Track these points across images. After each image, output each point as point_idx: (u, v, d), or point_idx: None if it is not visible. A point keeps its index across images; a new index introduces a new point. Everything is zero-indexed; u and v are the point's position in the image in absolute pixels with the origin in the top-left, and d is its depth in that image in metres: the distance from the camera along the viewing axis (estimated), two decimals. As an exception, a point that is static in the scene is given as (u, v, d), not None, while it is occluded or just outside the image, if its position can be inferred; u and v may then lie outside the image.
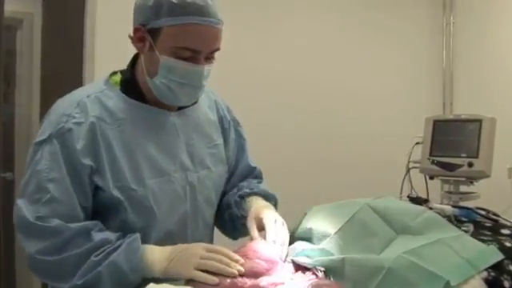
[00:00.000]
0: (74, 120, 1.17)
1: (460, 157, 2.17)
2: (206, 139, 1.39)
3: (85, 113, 1.18)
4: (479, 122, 2.17)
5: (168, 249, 1.14)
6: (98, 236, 1.13)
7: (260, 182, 1.54)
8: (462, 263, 1.14)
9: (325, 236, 1.26)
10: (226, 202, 1.46)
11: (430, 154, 2.26)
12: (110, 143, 1.19)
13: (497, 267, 1.17)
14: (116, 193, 1.18)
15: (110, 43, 2.23)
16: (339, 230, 1.26)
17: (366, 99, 3.14)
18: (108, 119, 1.20)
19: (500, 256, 1.19)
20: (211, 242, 1.43)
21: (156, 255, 1.13)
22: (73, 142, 1.15)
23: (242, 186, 1.47)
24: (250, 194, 1.42)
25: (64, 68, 2.63)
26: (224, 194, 1.49)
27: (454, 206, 1.55)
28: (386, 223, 1.30)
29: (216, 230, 1.49)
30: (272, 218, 1.28)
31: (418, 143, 2.37)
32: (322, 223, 1.31)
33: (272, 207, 1.37)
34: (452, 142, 2.23)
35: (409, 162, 2.41)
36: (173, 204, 1.28)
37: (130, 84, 1.26)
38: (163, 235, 1.24)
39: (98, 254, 1.10)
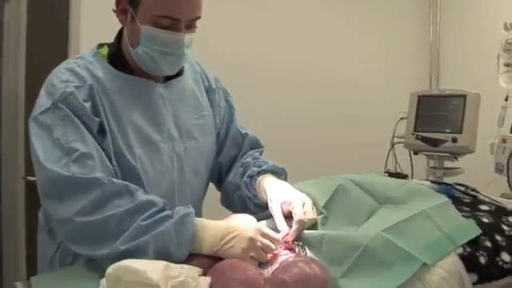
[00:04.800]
0: (73, 84, 1.16)
1: (444, 132, 2.15)
2: (193, 110, 1.38)
3: (80, 79, 1.18)
4: (463, 97, 2.15)
5: (221, 228, 1.09)
6: (142, 196, 1.08)
7: (261, 152, 1.52)
8: (441, 239, 1.14)
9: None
10: (233, 183, 1.45)
11: (415, 130, 2.25)
12: (105, 108, 1.18)
13: (473, 243, 1.17)
14: (113, 159, 1.17)
15: (95, 15, 2.19)
16: (326, 202, 1.25)
17: (352, 76, 3.09)
18: (99, 88, 1.19)
19: (478, 231, 1.18)
20: (200, 214, 1.42)
21: (208, 235, 1.07)
22: (79, 102, 1.14)
23: (248, 164, 1.43)
24: (259, 173, 1.39)
25: (49, 41, 2.58)
26: (220, 166, 1.48)
27: (432, 182, 1.54)
28: (369, 195, 1.30)
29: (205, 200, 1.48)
30: (299, 202, 1.22)
31: (402, 118, 2.35)
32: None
33: (291, 187, 1.31)
34: (436, 118, 2.21)
35: (393, 137, 2.40)
36: (160, 174, 1.27)
37: (116, 57, 1.26)
38: None
39: (146, 219, 1.03)
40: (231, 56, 2.58)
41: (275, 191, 1.29)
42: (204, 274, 1.00)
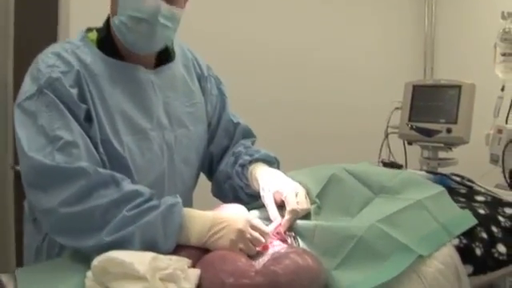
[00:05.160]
0: (60, 69, 1.12)
1: (439, 122, 2.13)
2: (184, 98, 1.35)
3: (67, 64, 1.14)
4: (459, 87, 2.13)
5: (209, 218, 1.06)
6: (129, 186, 1.05)
7: (253, 142, 1.49)
8: (437, 229, 1.12)
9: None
10: (224, 173, 1.42)
11: (409, 120, 2.22)
12: (93, 95, 1.14)
13: (469, 234, 1.16)
14: (99, 146, 1.13)
15: (84, 2, 2.14)
16: (319, 191, 1.22)
17: (346, 65, 3.05)
18: (86, 74, 1.15)
19: (474, 221, 1.17)
20: (190, 204, 1.39)
21: (195, 225, 1.04)
22: (66, 88, 1.10)
23: (240, 153, 1.40)
24: (251, 162, 1.36)
25: (38, 28, 2.53)
26: (211, 156, 1.45)
27: (428, 172, 1.52)
28: (363, 184, 1.28)
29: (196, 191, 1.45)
30: (292, 191, 1.20)
31: (397, 108, 2.33)
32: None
33: (284, 176, 1.28)
34: (431, 108, 2.19)
35: (387, 127, 2.38)
36: (149, 163, 1.23)
37: (106, 42, 1.22)
38: None
39: (131, 209, 1.00)
40: (224, 43, 2.55)
41: (267, 180, 1.26)
42: (193, 266, 0.97)
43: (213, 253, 1.02)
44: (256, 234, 1.06)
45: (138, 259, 0.89)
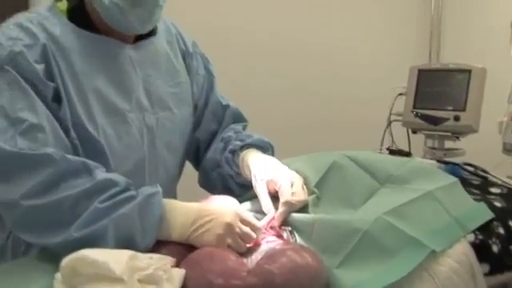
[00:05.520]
0: (23, 43, 1.00)
1: (446, 110, 2.03)
2: (167, 77, 1.24)
3: (32, 36, 1.02)
4: (468, 72, 2.02)
5: (194, 210, 0.96)
6: (102, 175, 0.95)
7: (244, 127, 1.37)
8: (450, 223, 1.05)
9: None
10: (212, 160, 1.31)
11: (414, 107, 2.11)
12: (62, 71, 1.03)
13: (485, 229, 1.09)
14: (71, 130, 1.02)
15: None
16: (319, 180, 1.13)
17: (348, 48, 2.93)
18: (54, 47, 1.03)
19: (490, 215, 1.10)
20: (174, 195, 1.30)
21: (178, 218, 0.94)
22: (30, 63, 0.98)
23: (230, 138, 1.29)
24: (242, 148, 1.25)
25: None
26: (197, 142, 1.34)
27: (438, 161, 1.44)
28: (367, 173, 1.19)
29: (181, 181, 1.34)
30: (287, 181, 1.09)
31: (400, 94, 2.22)
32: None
33: (279, 163, 1.17)
34: (438, 94, 2.08)
35: (390, 114, 2.25)
36: (128, 148, 1.12)
37: (78, 12, 1.10)
38: None
39: (104, 201, 0.90)
40: (219, 29, 2.44)
41: (260, 168, 1.15)
42: (177, 266, 0.88)
43: (199, 250, 0.92)
44: (246, 229, 0.96)
45: (114, 258, 0.79)
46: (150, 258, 0.84)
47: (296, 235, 1.01)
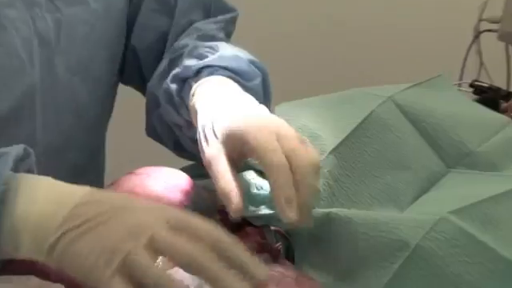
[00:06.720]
0: None
1: None
2: None
3: None
4: None
5: (74, 195, 0.52)
6: None
7: (233, 18, 0.91)
8: None
9: None
10: (150, 93, 0.88)
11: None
12: None
13: None
14: None
15: None
16: (339, 144, 0.77)
17: None
18: None
19: None
20: (100, 162, 0.95)
21: (37, 206, 0.52)
22: None
23: (182, 51, 0.84)
24: (198, 73, 0.78)
25: None
26: (137, 57, 0.92)
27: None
28: (430, 144, 0.84)
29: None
30: (265, 138, 0.61)
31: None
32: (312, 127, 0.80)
33: (263, 110, 0.69)
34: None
35: (479, 20, 1.79)
36: (5, 71, 0.76)
37: None
38: None
39: None
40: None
41: (213, 110, 0.68)
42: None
43: None
44: (179, 243, 0.49)
45: None
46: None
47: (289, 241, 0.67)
